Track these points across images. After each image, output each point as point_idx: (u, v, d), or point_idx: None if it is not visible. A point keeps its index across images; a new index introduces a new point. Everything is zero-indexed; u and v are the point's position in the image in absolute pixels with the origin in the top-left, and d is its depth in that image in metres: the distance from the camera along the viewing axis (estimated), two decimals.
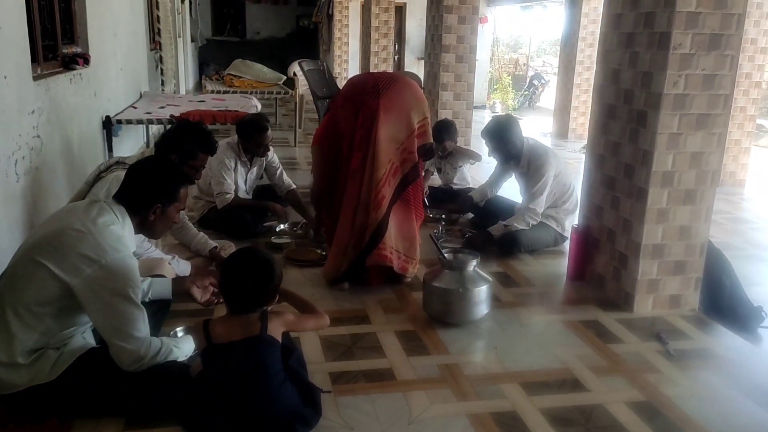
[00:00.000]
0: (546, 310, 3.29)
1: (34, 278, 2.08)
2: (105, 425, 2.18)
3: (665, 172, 3.08)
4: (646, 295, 3.23)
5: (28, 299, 2.09)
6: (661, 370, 2.71)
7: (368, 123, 3.25)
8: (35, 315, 2.10)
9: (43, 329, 2.12)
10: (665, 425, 2.32)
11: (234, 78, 8.64)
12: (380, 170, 3.25)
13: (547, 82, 13.00)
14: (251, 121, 4.32)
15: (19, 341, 2.10)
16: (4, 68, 2.88)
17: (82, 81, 4.27)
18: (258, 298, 2.12)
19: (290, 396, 2.12)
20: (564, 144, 8.44)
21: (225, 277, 2.15)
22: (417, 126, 3.34)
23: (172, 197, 2.34)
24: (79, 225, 2.13)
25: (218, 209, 4.21)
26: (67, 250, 2.08)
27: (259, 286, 2.10)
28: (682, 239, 3.20)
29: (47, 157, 3.45)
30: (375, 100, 3.25)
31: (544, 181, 3.92)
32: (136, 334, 2.13)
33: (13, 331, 2.09)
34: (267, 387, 2.06)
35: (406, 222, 3.42)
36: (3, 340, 2.10)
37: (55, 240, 2.12)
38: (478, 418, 2.32)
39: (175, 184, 2.36)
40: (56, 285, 2.07)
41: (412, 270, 3.45)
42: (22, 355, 2.11)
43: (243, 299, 2.12)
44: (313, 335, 2.87)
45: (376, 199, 3.25)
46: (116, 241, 2.14)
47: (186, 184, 2.42)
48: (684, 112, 3.02)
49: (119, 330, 2.11)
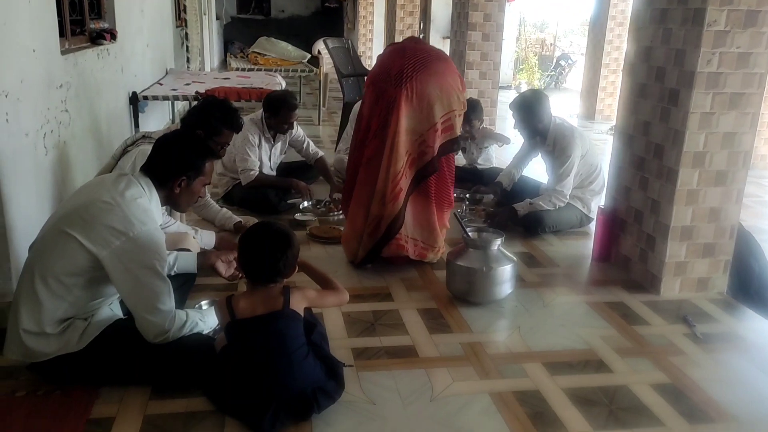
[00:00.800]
0: (570, 290, 3.26)
1: (64, 249, 2.12)
2: (131, 394, 2.22)
3: (696, 152, 3.01)
4: (674, 277, 3.18)
5: (57, 270, 2.12)
6: (686, 352, 2.68)
7: (386, 112, 3.18)
8: (64, 286, 2.13)
9: (71, 300, 2.16)
10: (689, 408, 2.29)
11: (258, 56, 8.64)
12: (399, 163, 3.18)
13: (575, 62, 12.77)
14: (281, 98, 4.31)
15: (47, 311, 2.13)
16: (33, 42, 2.90)
17: (109, 56, 4.30)
18: (276, 267, 2.12)
19: (313, 370, 2.14)
20: (591, 125, 8.31)
21: (243, 248, 2.16)
22: (441, 120, 3.19)
23: (198, 171, 2.35)
24: (107, 197, 2.15)
25: (243, 186, 4.23)
26: (96, 222, 2.11)
27: (277, 256, 2.10)
28: (712, 221, 3.13)
29: (75, 132, 3.48)
30: (396, 89, 3.14)
31: (571, 162, 3.87)
32: (162, 307, 2.15)
33: (42, 302, 2.12)
34: (290, 360, 2.08)
35: (425, 212, 3.34)
36: (32, 310, 2.14)
37: (84, 212, 2.14)
38: (500, 397, 2.31)
39: (200, 157, 2.36)
40: (85, 257, 2.10)
41: (432, 256, 3.42)
42: (50, 325, 2.15)
43: (261, 269, 2.13)
44: (336, 311, 2.88)
45: (393, 192, 3.19)
46: (143, 214, 2.16)
47: (211, 158, 2.43)
48: (717, 90, 2.95)
49: (145, 303, 2.14)
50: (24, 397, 2.19)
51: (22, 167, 2.76)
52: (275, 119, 4.25)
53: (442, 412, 2.21)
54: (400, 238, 3.29)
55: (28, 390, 2.22)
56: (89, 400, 2.17)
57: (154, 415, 2.13)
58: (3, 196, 2.58)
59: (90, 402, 2.17)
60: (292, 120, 4.29)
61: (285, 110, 4.23)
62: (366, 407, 2.22)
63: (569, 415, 2.22)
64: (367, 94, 3.34)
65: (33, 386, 2.24)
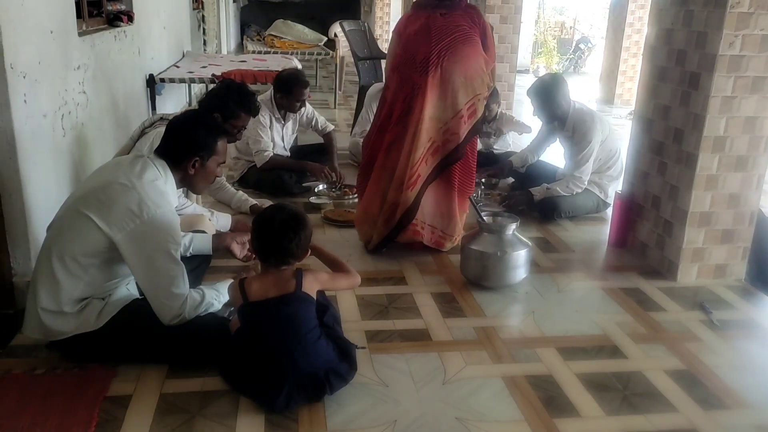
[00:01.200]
0: (585, 276, 3.24)
1: (81, 230, 2.14)
2: (148, 372, 2.25)
3: (717, 137, 2.96)
4: (691, 263, 3.14)
5: (74, 250, 2.14)
6: (702, 339, 2.65)
7: (410, 98, 3.14)
8: (81, 266, 2.15)
9: (88, 279, 2.18)
10: (705, 394, 2.28)
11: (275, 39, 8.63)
12: (419, 150, 3.14)
13: (594, 46, 12.59)
14: (292, 76, 4.30)
15: (65, 291, 2.16)
16: (50, 23, 2.91)
17: (126, 38, 4.31)
18: (289, 249, 2.12)
19: (325, 351, 2.15)
20: (609, 110, 8.21)
21: (256, 230, 2.17)
22: (466, 107, 3.16)
23: (211, 150, 2.35)
24: (124, 179, 2.17)
25: (258, 168, 4.24)
26: (112, 204, 2.12)
27: (290, 237, 2.11)
28: (731, 207, 3.09)
29: (93, 113, 3.50)
30: (422, 76, 3.10)
31: (590, 148, 3.82)
32: (175, 291, 2.17)
33: (59, 281, 2.15)
34: (302, 342, 2.09)
35: (446, 200, 3.31)
36: (50, 289, 2.17)
37: (101, 193, 2.16)
38: (513, 381, 2.31)
39: (212, 136, 2.36)
40: (101, 238, 2.12)
41: (449, 244, 3.39)
42: (68, 304, 2.18)
43: (274, 251, 2.13)
44: (350, 295, 2.89)
45: (411, 179, 3.17)
46: (159, 197, 2.18)
47: (224, 137, 2.43)
48: (739, 74, 2.89)
49: (159, 286, 2.16)
50: (43, 374, 2.23)
51: (40, 148, 2.79)
52: (288, 98, 4.25)
53: (454, 395, 2.22)
54: (416, 224, 3.27)
55: (47, 368, 2.26)
56: (107, 378, 2.21)
57: (171, 393, 2.16)
58: (22, 176, 2.61)
59: (108, 380, 2.20)
60: (303, 97, 4.30)
61: (298, 87, 4.23)
62: (379, 389, 2.23)
63: (582, 400, 2.22)
64: (391, 79, 3.28)
65: (52, 364, 2.27)
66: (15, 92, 2.54)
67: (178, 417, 2.05)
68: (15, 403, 2.07)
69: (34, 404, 2.07)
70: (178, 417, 2.05)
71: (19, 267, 2.67)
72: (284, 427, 2.03)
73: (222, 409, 2.10)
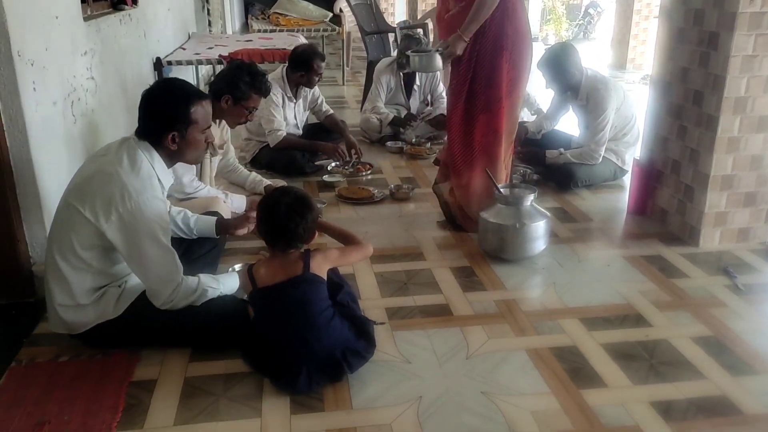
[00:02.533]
0: (605, 245, 3.20)
1: (73, 224, 2.11)
2: (171, 357, 2.26)
3: (738, 97, 2.89)
4: (713, 228, 3.09)
5: (72, 245, 2.12)
6: (727, 304, 2.62)
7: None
8: (81, 258, 2.13)
9: (94, 270, 2.17)
10: (732, 360, 2.25)
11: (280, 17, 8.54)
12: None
13: (604, 10, 12.35)
14: (309, 50, 4.28)
15: (75, 284, 2.15)
16: (56, 8, 2.88)
17: (131, 22, 4.26)
18: (295, 232, 2.09)
19: (340, 331, 2.12)
20: (622, 75, 8.06)
21: (261, 214, 2.15)
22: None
23: (186, 120, 2.18)
24: (109, 168, 2.11)
25: (271, 148, 4.21)
26: (96, 195, 2.08)
27: (296, 220, 2.08)
28: (754, 169, 3.03)
29: (102, 99, 3.48)
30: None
31: (605, 116, 3.74)
32: (166, 276, 2.13)
33: (66, 276, 2.14)
34: (314, 324, 2.07)
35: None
36: (61, 285, 2.16)
37: (86, 185, 2.13)
38: (537, 353, 2.29)
39: (183, 105, 2.18)
40: (92, 229, 2.09)
41: None
42: (83, 296, 2.17)
43: (280, 235, 2.11)
44: (369, 272, 2.88)
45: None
46: (141, 183, 2.10)
47: (199, 100, 2.23)
48: (760, 32, 2.80)
49: (150, 272, 2.13)
50: (67, 361, 2.24)
51: (52, 136, 2.77)
52: (308, 73, 4.21)
53: (478, 369, 2.20)
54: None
55: (71, 355, 2.27)
56: (131, 363, 2.21)
57: (195, 377, 2.16)
58: (35, 165, 2.60)
59: (132, 365, 2.21)
60: (321, 71, 4.28)
61: (317, 61, 4.20)
62: (402, 366, 2.22)
63: (609, 371, 2.19)
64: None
65: (76, 351, 2.28)
66: (24, 80, 2.52)
67: (204, 399, 2.05)
68: (41, 390, 2.09)
69: (60, 391, 2.08)
70: (204, 399, 2.05)
71: (38, 256, 2.67)
72: (309, 406, 2.03)
73: (247, 390, 2.10)
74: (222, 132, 3.38)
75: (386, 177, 4.25)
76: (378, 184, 4.06)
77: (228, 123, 3.34)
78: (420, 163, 4.55)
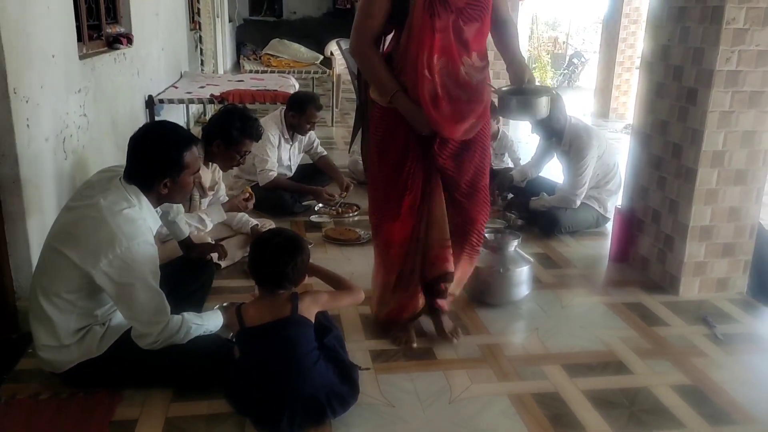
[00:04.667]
0: (588, 291, 3.25)
1: (59, 268, 2.11)
2: (153, 396, 2.24)
3: (715, 151, 2.99)
4: (693, 277, 3.15)
5: (58, 288, 2.12)
6: (707, 353, 2.66)
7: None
8: (68, 301, 2.13)
9: (79, 311, 2.16)
10: (712, 410, 2.27)
11: (271, 58, 8.65)
12: None
13: (588, 60, 12.70)
14: (309, 96, 4.39)
15: (59, 326, 2.15)
16: (52, 47, 2.93)
17: (125, 60, 4.33)
18: (285, 274, 2.10)
19: (325, 375, 2.12)
20: (605, 124, 8.26)
21: (252, 255, 2.17)
22: None
23: (179, 167, 2.20)
24: (94, 212, 2.10)
25: (260, 186, 4.25)
26: (84, 240, 2.08)
27: (286, 261, 2.10)
28: (732, 221, 3.11)
29: (93, 136, 3.51)
30: None
31: (585, 163, 3.84)
32: (152, 319, 2.13)
33: (51, 318, 2.14)
34: (298, 366, 2.07)
35: None
36: (46, 327, 2.15)
37: (72, 228, 2.13)
38: (519, 399, 2.30)
39: (177, 153, 2.19)
40: (79, 273, 2.08)
41: None
42: (67, 337, 2.16)
43: (269, 276, 2.13)
44: (354, 314, 2.89)
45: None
46: (130, 227, 2.09)
47: (190, 146, 2.24)
48: (736, 89, 2.92)
49: (138, 315, 2.12)
50: (48, 399, 2.21)
51: (42, 172, 2.79)
52: (300, 117, 4.28)
53: (461, 414, 2.21)
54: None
55: (52, 393, 2.24)
56: (112, 402, 2.19)
57: (177, 417, 2.15)
58: (24, 201, 2.61)
59: (113, 404, 2.18)
60: (315, 120, 4.35)
61: (312, 108, 4.27)
62: (385, 410, 2.22)
63: (589, 417, 2.21)
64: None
65: (56, 389, 2.26)
66: (18, 117, 2.55)
67: None
68: (21, 428, 2.06)
69: (40, 430, 2.05)
70: None
71: (23, 291, 2.66)
72: None
73: (229, 431, 2.08)
74: (214, 174, 3.42)
75: None
76: (364, 225, 4.08)
77: (220, 166, 3.38)
78: None
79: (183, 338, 2.20)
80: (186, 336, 2.20)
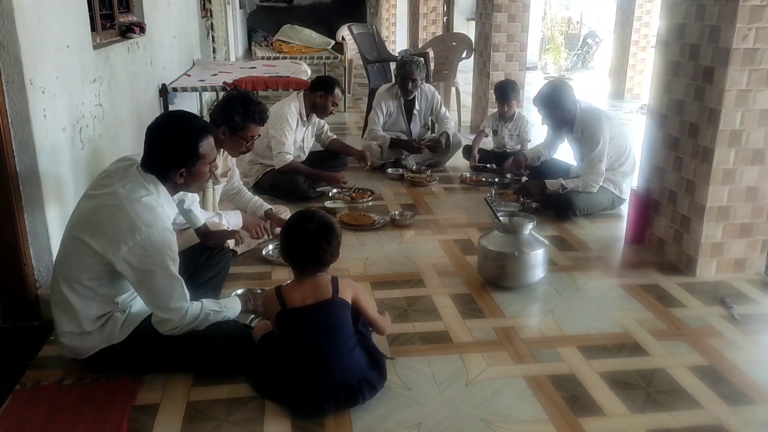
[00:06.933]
0: (604, 274, 3.24)
1: (80, 256, 2.14)
2: (174, 381, 2.28)
3: (733, 130, 2.95)
4: (710, 258, 3.13)
5: (79, 276, 2.15)
6: (724, 334, 2.65)
7: None
8: (89, 288, 2.17)
9: (101, 298, 2.20)
10: (730, 390, 2.27)
11: (283, 44, 8.65)
12: None
13: (602, 40, 12.54)
14: (334, 80, 4.47)
15: (81, 312, 2.18)
16: (66, 37, 2.95)
17: (138, 49, 4.35)
18: (323, 258, 2.15)
19: (359, 360, 2.17)
20: (620, 104, 8.17)
21: (287, 239, 2.19)
22: None
23: (195, 157, 2.22)
24: (113, 200, 2.13)
25: (274, 172, 4.26)
26: (104, 228, 2.11)
27: (324, 246, 2.13)
28: (749, 201, 3.08)
29: (109, 125, 3.54)
30: None
31: (601, 147, 3.80)
32: (173, 305, 2.15)
33: (73, 305, 2.17)
34: (339, 350, 2.11)
35: None
36: (67, 314, 2.19)
37: (92, 217, 2.16)
38: (535, 381, 2.32)
39: (193, 143, 2.21)
40: (100, 261, 2.11)
41: None
42: (89, 323, 2.20)
43: (308, 259, 2.16)
44: (369, 297, 2.90)
45: None
46: (149, 214, 2.12)
47: (206, 136, 2.26)
48: (753, 67, 2.88)
49: (158, 301, 2.16)
50: (71, 385, 2.26)
51: (60, 162, 2.82)
52: (327, 97, 4.33)
53: (477, 396, 2.23)
54: None
55: (75, 378, 2.29)
56: (134, 387, 2.23)
57: (197, 401, 2.18)
58: (44, 191, 2.65)
59: (135, 389, 2.23)
60: (338, 101, 4.43)
61: (338, 89, 4.36)
62: (402, 393, 2.24)
63: (606, 399, 2.22)
64: None
65: (79, 375, 2.30)
66: (35, 107, 2.58)
67: (206, 424, 2.07)
68: (45, 414, 2.10)
69: (63, 415, 2.10)
70: (206, 424, 2.07)
71: (43, 279, 2.71)
72: (311, 431, 2.04)
73: (249, 415, 2.12)
74: (226, 160, 3.43)
75: (387, 204, 4.30)
76: (379, 210, 4.11)
77: (229, 153, 3.38)
78: (420, 190, 4.61)
79: (202, 325, 2.23)
80: (204, 322, 2.23)
